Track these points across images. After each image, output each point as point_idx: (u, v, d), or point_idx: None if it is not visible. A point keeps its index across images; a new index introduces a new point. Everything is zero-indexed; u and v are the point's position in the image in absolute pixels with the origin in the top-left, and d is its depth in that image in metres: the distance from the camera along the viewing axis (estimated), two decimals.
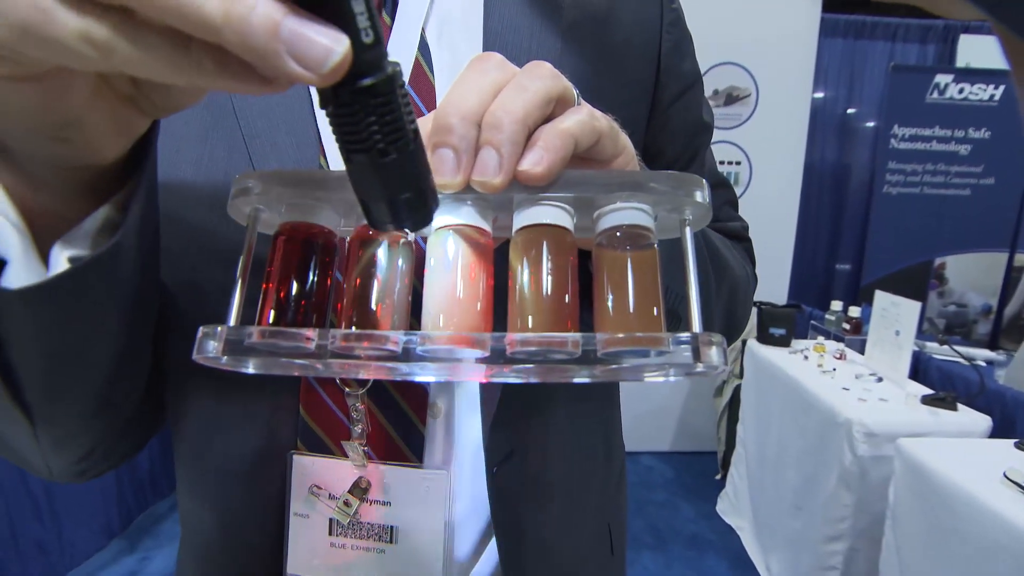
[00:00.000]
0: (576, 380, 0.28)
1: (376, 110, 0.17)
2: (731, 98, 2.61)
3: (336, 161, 0.36)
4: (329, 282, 0.25)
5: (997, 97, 2.82)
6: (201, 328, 0.23)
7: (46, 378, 0.27)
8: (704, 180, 0.24)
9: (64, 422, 0.31)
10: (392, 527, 0.38)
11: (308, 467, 0.38)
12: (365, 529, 0.38)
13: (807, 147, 2.72)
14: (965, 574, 1.16)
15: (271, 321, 0.24)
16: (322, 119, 0.36)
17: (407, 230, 0.25)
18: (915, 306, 1.63)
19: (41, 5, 0.15)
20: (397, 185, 0.19)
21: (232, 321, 0.24)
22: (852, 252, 3.34)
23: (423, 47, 0.37)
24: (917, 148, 2.88)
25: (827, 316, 2.28)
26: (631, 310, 0.23)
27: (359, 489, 0.37)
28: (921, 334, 1.82)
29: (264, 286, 0.25)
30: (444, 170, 0.22)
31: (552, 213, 0.24)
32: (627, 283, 0.23)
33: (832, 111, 3.33)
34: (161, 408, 0.41)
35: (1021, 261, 2.91)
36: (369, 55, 0.16)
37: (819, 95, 3.21)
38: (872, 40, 3.25)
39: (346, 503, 0.37)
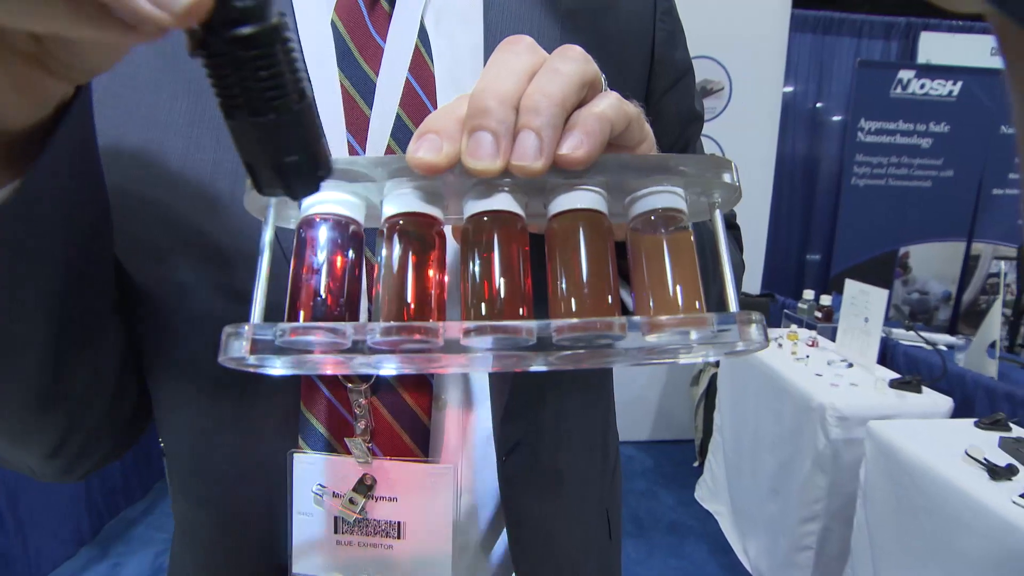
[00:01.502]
0: (618, 364, 0.27)
1: (252, 63, 0.15)
2: (705, 91, 2.65)
3: (340, 146, 0.35)
4: (359, 273, 0.24)
5: (955, 92, 2.94)
6: (225, 329, 0.22)
7: None
8: (732, 162, 0.24)
9: (7, 414, 0.29)
10: (400, 523, 0.37)
11: (310, 466, 0.37)
12: (372, 526, 0.37)
13: (779, 140, 2.78)
14: (930, 547, 1.22)
15: (304, 317, 0.23)
16: (322, 96, 0.34)
17: (299, 199, 0.24)
18: (883, 294, 1.69)
19: None
20: (280, 148, 0.17)
21: (256, 319, 0.23)
22: (822, 242, 3.45)
23: (422, 34, 0.36)
24: (882, 141, 2.98)
25: (799, 305, 2.35)
26: (672, 293, 0.23)
27: (364, 486, 0.37)
28: (888, 321, 1.89)
29: (293, 280, 0.23)
30: (482, 154, 0.21)
31: (590, 198, 0.24)
32: (666, 266, 0.23)
33: (802, 105, 3.42)
34: (144, 408, 0.40)
35: (977, 250, 3.04)
36: (244, 3, 0.15)
37: (789, 89, 3.29)
38: (839, 36, 3.34)
39: (351, 501, 0.36)
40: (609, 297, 0.23)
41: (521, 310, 0.23)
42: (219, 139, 0.34)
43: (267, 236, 0.24)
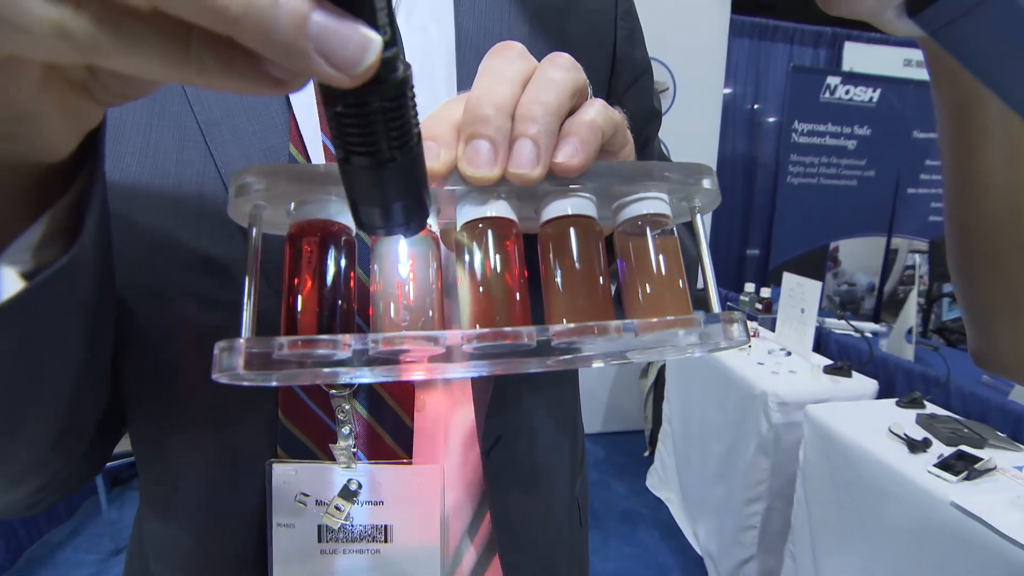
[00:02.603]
0: (609, 363, 0.28)
1: (387, 113, 0.15)
2: None
3: (315, 149, 0.34)
4: (353, 283, 0.24)
5: (875, 99, 3.17)
6: (217, 344, 0.21)
7: (2, 412, 0.23)
8: (712, 168, 0.25)
9: (20, 458, 0.27)
10: (386, 526, 0.37)
11: (291, 475, 0.36)
12: (358, 531, 0.37)
13: (719, 140, 2.91)
14: (861, 518, 1.31)
15: (300, 329, 0.22)
16: (297, 103, 0.33)
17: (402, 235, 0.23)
18: (817, 286, 1.80)
19: None
20: (397, 190, 0.18)
21: (247, 333, 0.22)
22: (761, 238, 3.63)
23: None
24: (814, 142, 3.18)
25: (741, 298, 2.46)
26: (661, 294, 0.24)
27: (349, 491, 0.36)
28: (822, 311, 2.02)
29: (288, 290, 0.23)
30: (480, 162, 0.22)
31: (582, 204, 0.24)
32: (655, 269, 0.24)
33: (741, 106, 3.59)
34: (116, 428, 0.38)
35: (896, 244, 3.30)
36: (386, 54, 0.14)
37: (729, 91, 3.44)
38: (774, 42, 3.53)
39: (337, 508, 0.36)
40: (603, 300, 0.24)
41: (523, 316, 0.23)
42: (182, 139, 0.32)
43: (254, 245, 0.23)
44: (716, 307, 0.24)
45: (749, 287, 2.46)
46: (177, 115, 0.32)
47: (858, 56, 3.37)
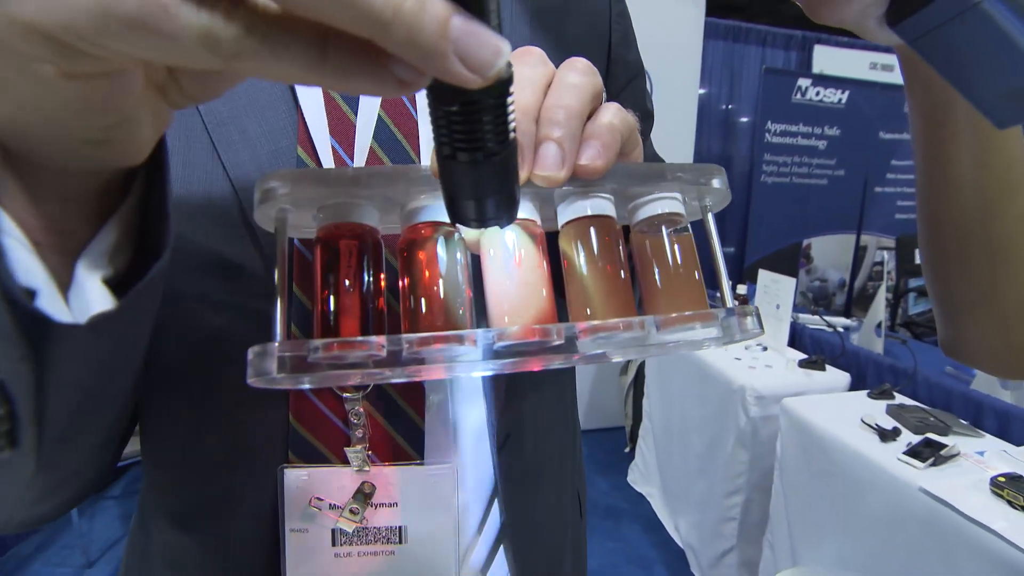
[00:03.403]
0: (631, 357, 0.29)
1: (495, 110, 0.16)
2: None
3: (324, 152, 0.33)
4: (383, 285, 0.24)
5: (843, 101, 3.27)
6: (251, 349, 0.21)
7: (71, 419, 0.23)
8: (722, 168, 0.27)
9: (67, 467, 0.27)
10: (401, 527, 0.37)
11: (304, 480, 0.35)
12: (372, 534, 0.37)
13: (696, 139, 2.96)
14: (836, 506, 1.36)
15: (343, 331, 0.22)
16: (306, 105, 0.33)
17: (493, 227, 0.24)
18: (791, 282, 1.85)
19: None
20: (497, 183, 0.19)
21: (279, 337, 0.22)
22: (736, 235, 3.70)
23: None
24: (786, 142, 3.26)
25: (717, 294, 2.50)
26: (679, 290, 0.25)
27: (363, 494, 0.36)
28: (796, 307, 2.07)
29: (320, 294, 0.23)
30: None
31: (603, 204, 0.25)
32: (673, 266, 0.25)
33: (715, 107, 3.65)
34: (127, 437, 0.37)
35: (865, 241, 3.41)
36: None
37: (704, 91, 3.50)
38: (747, 44, 3.61)
39: (352, 511, 0.36)
40: (626, 297, 0.24)
41: (551, 313, 0.24)
42: (189, 139, 0.31)
43: (281, 247, 0.23)
44: (729, 301, 0.26)
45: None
46: (182, 116, 0.31)
47: (827, 59, 3.46)
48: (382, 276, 0.24)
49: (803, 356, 1.81)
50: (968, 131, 0.34)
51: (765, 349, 1.92)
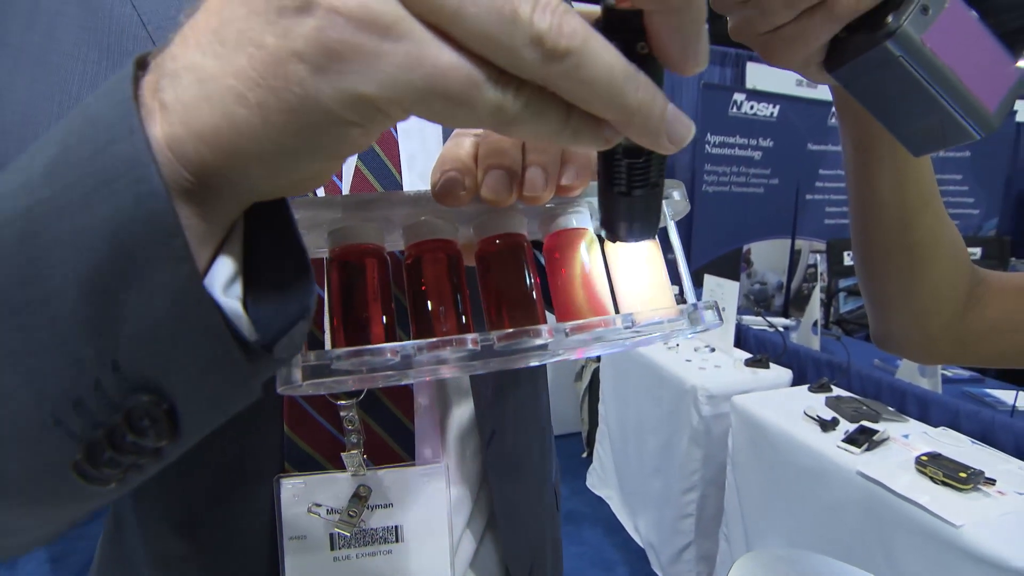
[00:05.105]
0: (610, 352, 0.32)
1: (662, 159, 0.21)
2: None
3: (347, 170, 0.36)
4: (390, 294, 0.26)
5: (775, 114, 3.49)
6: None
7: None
8: (681, 183, 0.31)
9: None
10: (397, 526, 0.38)
11: (300, 488, 0.36)
12: (369, 535, 0.38)
13: None
14: (784, 494, 1.43)
15: (371, 339, 0.25)
16: None
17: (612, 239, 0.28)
18: (735, 286, 1.95)
19: (474, 79, 0.15)
20: (651, 208, 0.24)
21: (328, 345, 0.25)
22: (682, 242, 3.85)
23: None
24: (725, 153, 3.43)
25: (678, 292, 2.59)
26: (650, 289, 0.28)
27: (359, 498, 0.37)
28: (739, 309, 2.17)
29: (341, 307, 0.25)
30: (499, 188, 0.24)
31: (583, 218, 0.28)
32: (642, 269, 0.28)
33: None
34: None
35: (799, 245, 3.63)
36: None
37: None
38: None
39: (351, 514, 0.37)
40: (605, 298, 0.28)
41: (539, 316, 0.26)
42: None
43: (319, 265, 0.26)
44: (691, 298, 0.29)
45: (674, 289, 2.60)
46: None
47: (759, 75, 3.69)
48: (390, 288, 0.27)
49: (748, 355, 1.90)
50: (890, 157, 0.40)
51: (713, 350, 2.00)
